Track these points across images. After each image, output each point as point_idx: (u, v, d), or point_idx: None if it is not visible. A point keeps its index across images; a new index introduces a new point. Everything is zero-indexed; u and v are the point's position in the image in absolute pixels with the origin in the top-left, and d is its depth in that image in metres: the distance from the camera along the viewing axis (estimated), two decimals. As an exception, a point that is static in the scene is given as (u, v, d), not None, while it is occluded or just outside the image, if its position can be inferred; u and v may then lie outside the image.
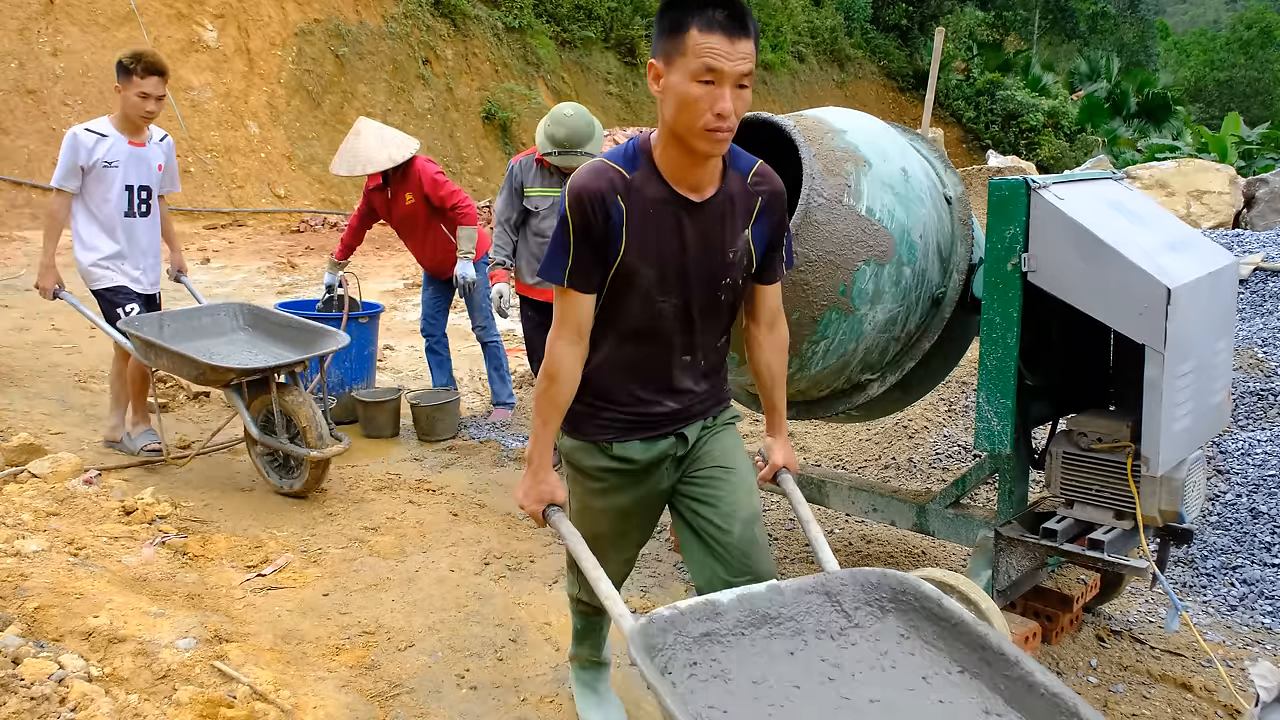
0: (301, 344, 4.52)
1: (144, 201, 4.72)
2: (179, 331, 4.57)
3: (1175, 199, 10.23)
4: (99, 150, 4.52)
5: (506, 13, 20.40)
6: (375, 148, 5.25)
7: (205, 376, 4.22)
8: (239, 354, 4.56)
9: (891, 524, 3.37)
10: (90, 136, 4.51)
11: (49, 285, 4.61)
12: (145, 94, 4.50)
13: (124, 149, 4.59)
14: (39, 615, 2.86)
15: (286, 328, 4.69)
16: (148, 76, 4.48)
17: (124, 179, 4.60)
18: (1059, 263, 2.69)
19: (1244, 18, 49.17)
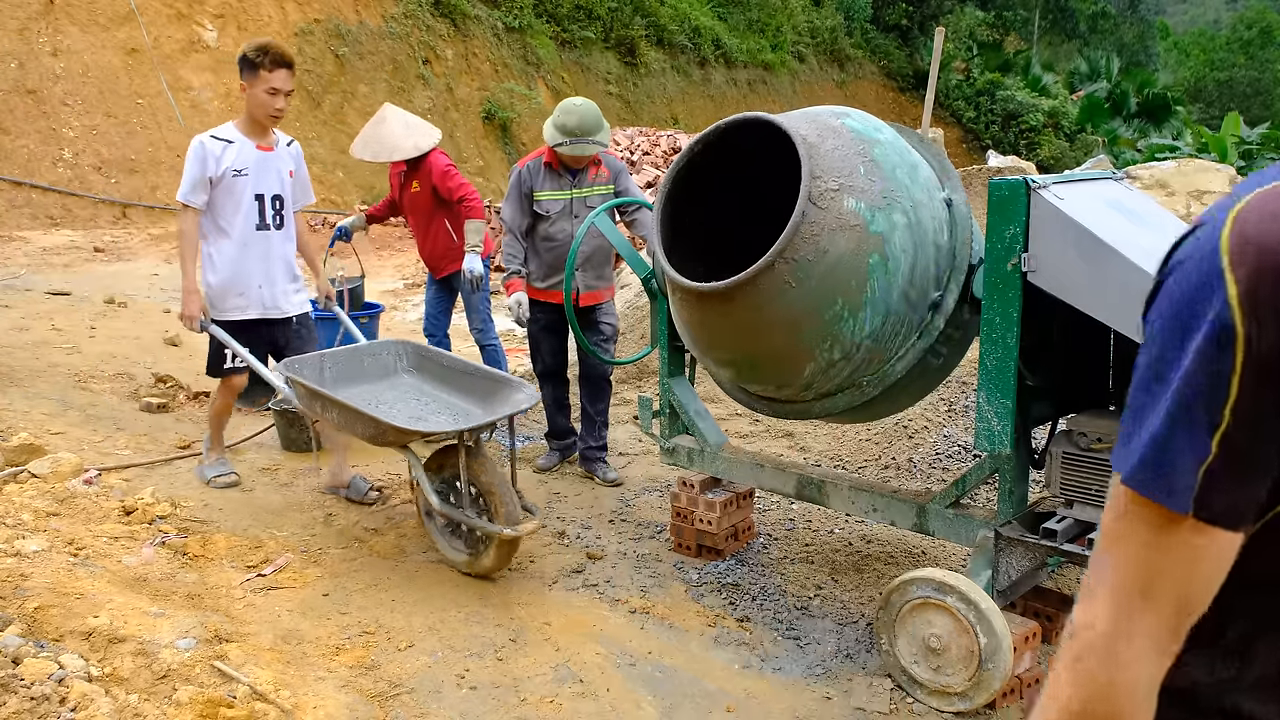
0: (479, 394, 3.87)
1: (277, 213, 4.28)
2: (340, 374, 4.00)
3: (1175, 199, 10.23)
4: (227, 158, 4.09)
5: (506, 13, 20.40)
6: (401, 135, 5.28)
7: (385, 437, 3.53)
8: (407, 403, 3.99)
9: (891, 524, 3.37)
10: (217, 144, 4.10)
11: (195, 313, 4.14)
12: (274, 90, 4.05)
13: (252, 154, 4.16)
14: (39, 615, 2.86)
15: (459, 373, 4.02)
16: (276, 69, 4.02)
17: (254, 188, 4.17)
18: (1059, 263, 2.69)
19: (1244, 18, 49.18)
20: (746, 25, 27.72)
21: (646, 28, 23.54)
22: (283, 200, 4.28)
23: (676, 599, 3.57)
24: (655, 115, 22.58)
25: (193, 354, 7.17)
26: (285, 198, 4.30)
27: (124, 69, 14.68)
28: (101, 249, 11.73)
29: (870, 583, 3.72)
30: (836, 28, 30.68)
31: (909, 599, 2.90)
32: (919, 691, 2.91)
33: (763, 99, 26.76)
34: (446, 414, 3.87)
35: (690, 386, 3.94)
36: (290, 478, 4.70)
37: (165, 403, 5.66)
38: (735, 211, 3.70)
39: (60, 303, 8.56)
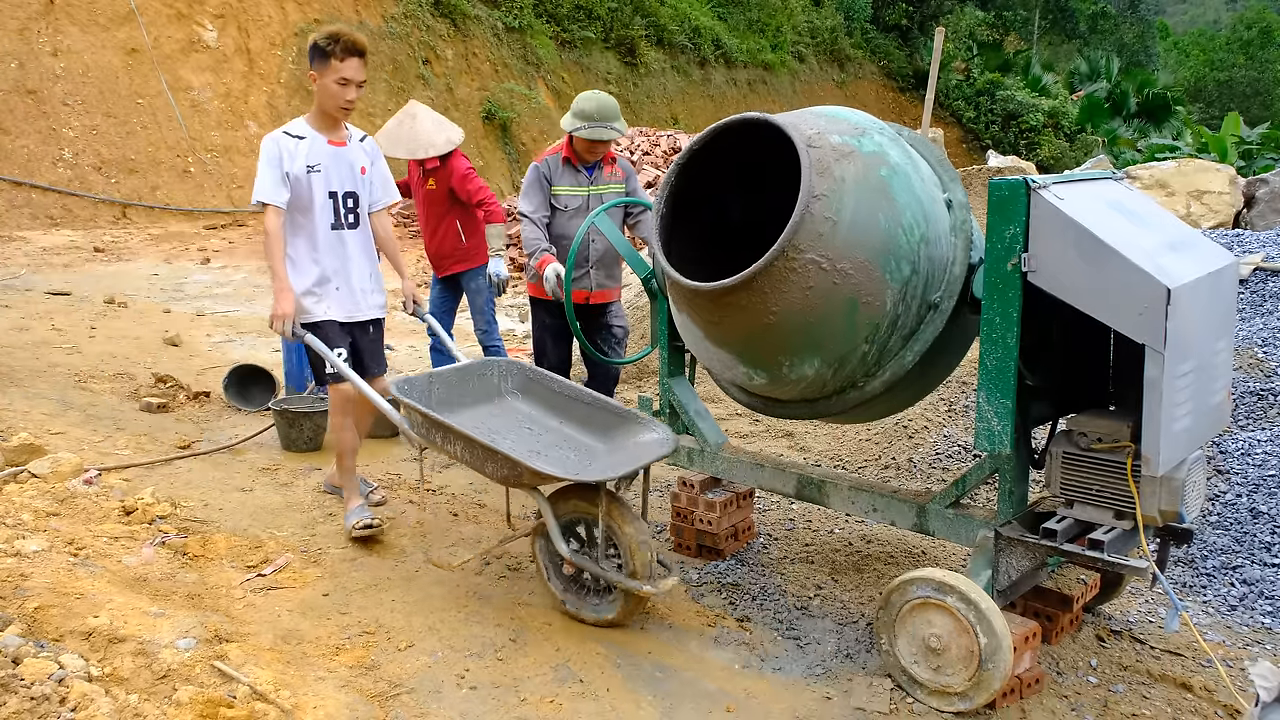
0: (598, 428, 3.54)
1: (351, 210, 4.06)
2: (448, 396, 3.64)
3: (1175, 199, 10.23)
4: (300, 154, 3.90)
5: (506, 13, 20.40)
6: (434, 131, 5.33)
7: (521, 479, 3.18)
8: (519, 434, 3.61)
9: (891, 524, 3.37)
10: (290, 140, 3.91)
11: (288, 312, 3.83)
12: (345, 80, 3.84)
13: (324, 150, 3.96)
14: (39, 615, 2.86)
15: (573, 401, 3.67)
16: (347, 58, 3.82)
17: (327, 185, 3.96)
18: (1059, 263, 2.69)
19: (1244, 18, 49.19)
20: (746, 25, 27.72)
21: (646, 28, 23.54)
22: (356, 198, 4.08)
23: (676, 599, 3.57)
24: (655, 115, 22.58)
25: (193, 354, 7.18)
26: (360, 194, 4.09)
27: (124, 69, 14.68)
28: (101, 249, 11.74)
29: (870, 583, 3.72)
30: (836, 28, 30.68)
31: (909, 599, 2.90)
32: (919, 691, 2.91)
33: (763, 99, 26.75)
34: (565, 449, 3.52)
35: (690, 386, 3.94)
36: (290, 478, 4.70)
37: (165, 403, 5.67)
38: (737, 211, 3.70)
39: (60, 303, 8.56)
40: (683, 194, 3.36)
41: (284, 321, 3.84)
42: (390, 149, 5.39)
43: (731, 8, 27.55)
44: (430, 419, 3.32)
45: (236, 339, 7.87)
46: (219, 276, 10.75)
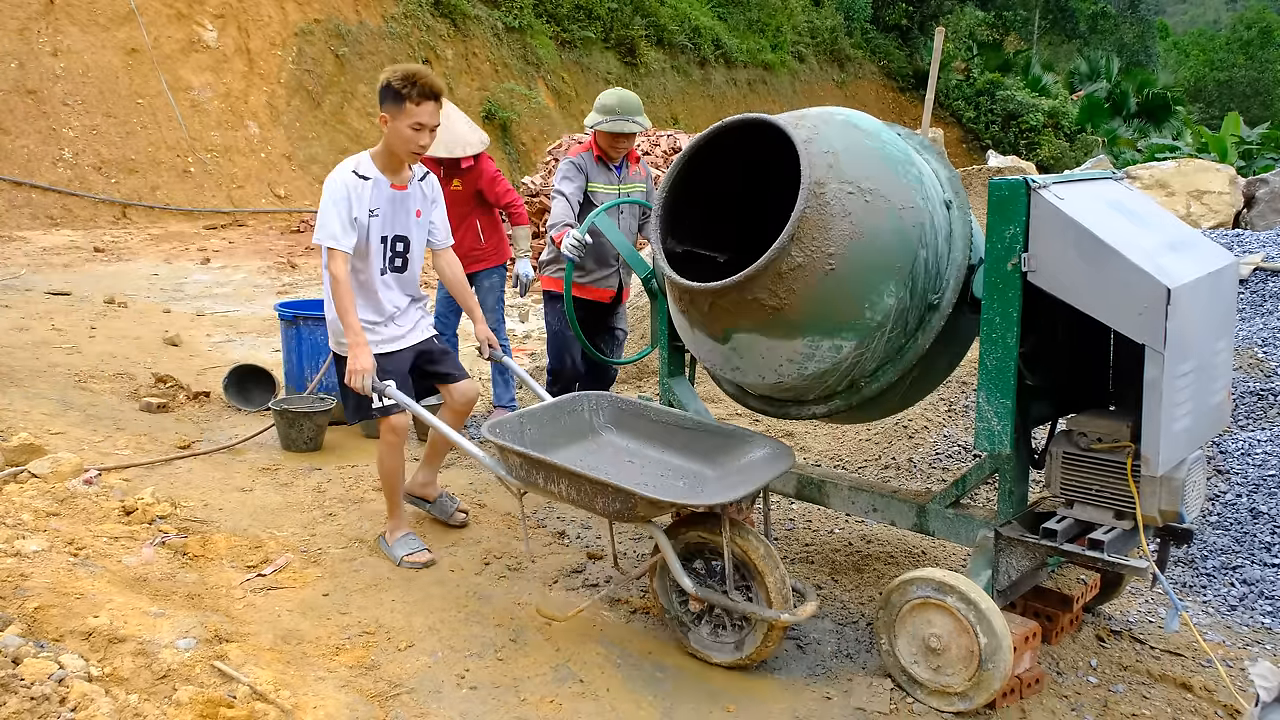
0: (701, 451, 3.34)
1: (400, 255, 3.86)
2: (540, 436, 3.42)
3: (1175, 199, 10.23)
4: (366, 197, 3.69)
5: (506, 13, 20.40)
6: (468, 131, 5.35)
7: (635, 511, 2.95)
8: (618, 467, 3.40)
9: (891, 524, 3.37)
10: (356, 181, 3.68)
11: (366, 367, 3.57)
12: (420, 125, 3.61)
13: (385, 194, 3.74)
14: (39, 615, 2.86)
15: (670, 427, 3.47)
16: (424, 102, 3.58)
17: (381, 229, 3.76)
18: (1059, 263, 2.69)
19: (1244, 18, 49.20)
20: (746, 25, 27.72)
21: (646, 28, 23.55)
22: (407, 242, 3.87)
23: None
24: (655, 115, 22.58)
25: (193, 354, 7.18)
26: (410, 239, 3.88)
27: (124, 69, 14.68)
28: (101, 249, 11.74)
29: (870, 583, 3.72)
30: (836, 28, 30.68)
31: (909, 599, 2.89)
32: (919, 691, 2.91)
33: (763, 99, 26.76)
34: (672, 478, 3.33)
35: (690, 386, 3.94)
36: (290, 478, 4.70)
37: (165, 403, 5.67)
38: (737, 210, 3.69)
39: (60, 303, 8.56)
40: (683, 194, 3.37)
41: (363, 377, 3.58)
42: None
43: (731, 8, 27.55)
44: (530, 459, 3.12)
45: (236, 339, 7.87)
46: (219, 276, 10.75)
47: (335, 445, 5.31)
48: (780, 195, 3.31)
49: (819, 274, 2.88)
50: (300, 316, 5.58)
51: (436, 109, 3.64)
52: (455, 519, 4.07)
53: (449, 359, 4.06)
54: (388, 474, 3.86)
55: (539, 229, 11.08)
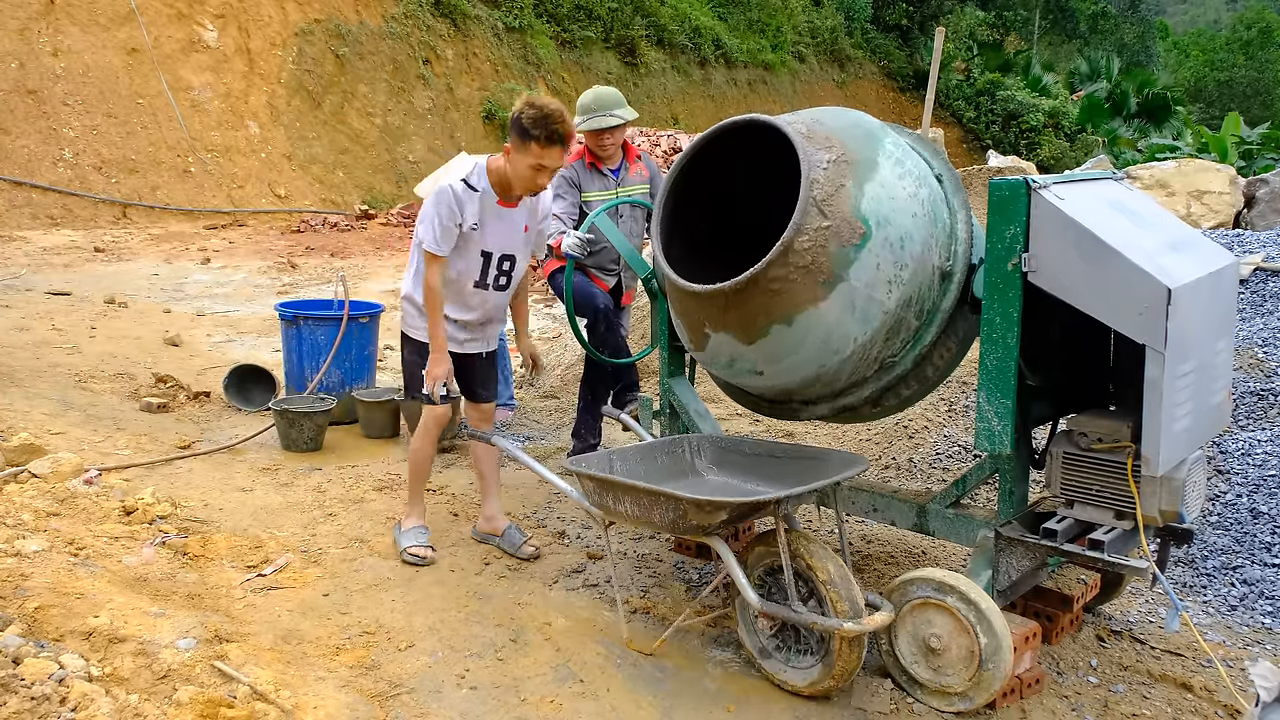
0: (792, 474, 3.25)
1: (503, 273, 3.79)
2: (631, 474, 3.37)
3: (1175, 199, 10.23)
4: (470, 209, 3.62)
5: (506, 13, 20.41)
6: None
7: (686, 521, 2.91)
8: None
9: (891, 524, 3.37)
10: (465, 191, 3.61)
11: (439, 375, 3.65)
12: (541, 167, 3.52)
13: (492, 209, 3.68)
14: (39, 615, 2.86)
15: (768, 458, 3.40)
16: (550, 147, 3.47)
17: (482, 243, 3.69)
18: (1059, 263, 2.69)
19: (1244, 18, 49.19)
20: (746, 25, 27.72)
21: (646, 28, 23.54)
22: (514, 261, 3.79)
23: (677, 599, 3.57)
24: (655, 115, 22.58)
25: (193, 354, 7.18)
26: (518, 257, 3.80)
27: (124, 69, 14.68)
28: (101, 249, 11.74)
29: (870, 583, 3.72)
30: (836, 28, 30.68)
31: (909, 599, 2.89)
32: (919, 691, 2.91)
33: (763, 99, 26.75)
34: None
35: (690, 386, 3.94)
36: (290, 478, 4.70)
37: (165, 403, 5.67)
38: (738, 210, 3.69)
39: (60, 303, 8.56)
40: (684, 195, 3.36)
41: (436, 383, 3.66)
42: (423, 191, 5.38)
43: (731, 8, 27.55)
44: (598, 479, 3.11)
45: (236, 339, 7.87)
46: (219, 276, 10.75)
47: (335, 445, 5.31)
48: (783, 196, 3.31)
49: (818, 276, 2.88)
50: (300, 316, 5.58)
51: (563, 154, 3.53)
52: (523, 551, 3.89)
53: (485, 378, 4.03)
54: (416, 458, 3.93)
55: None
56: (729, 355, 3.20)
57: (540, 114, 3.43)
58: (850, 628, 2.76)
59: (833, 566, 2.87)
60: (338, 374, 5.57)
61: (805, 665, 2.98)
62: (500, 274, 3.79)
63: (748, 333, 3.06)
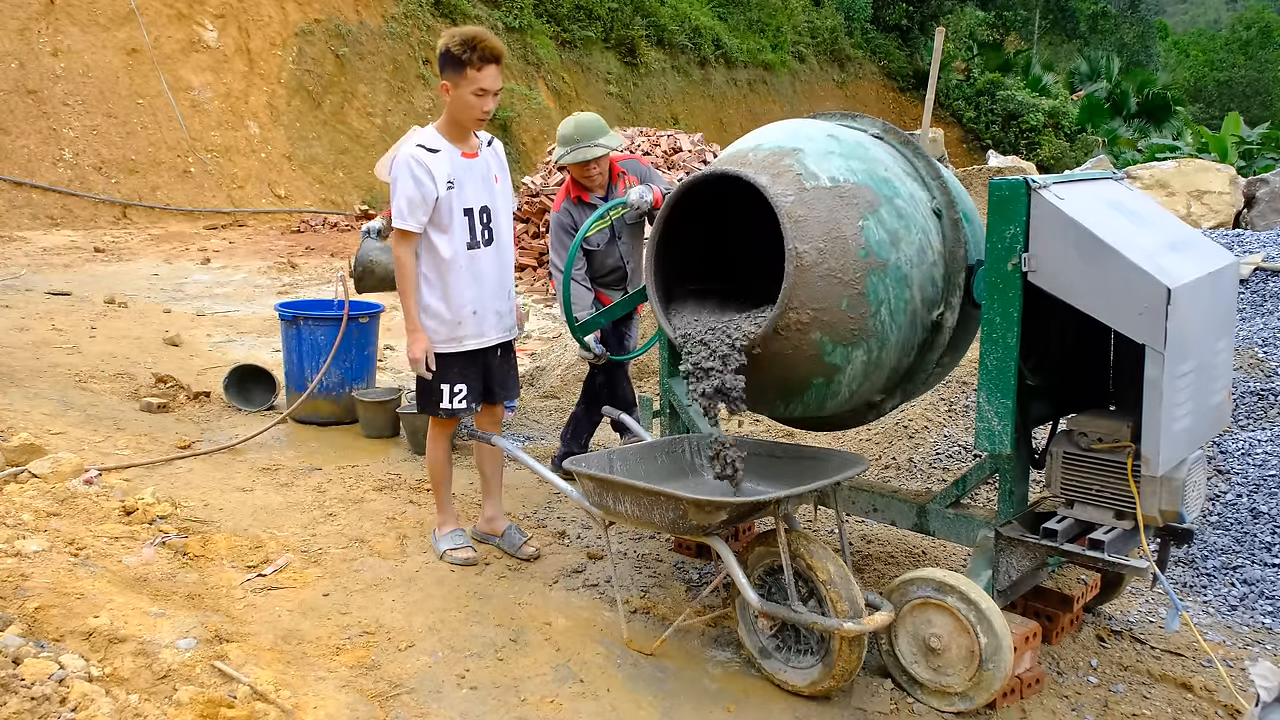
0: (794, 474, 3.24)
1: (486, 226, 3.69)
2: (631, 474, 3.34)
3: (1175, 199, 10.23)
4: (439, 171, 3.53)
5: (506, 13, 20.40)
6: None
7: (685, 521, 2.89)
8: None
9: (891, 524, 3.37)
10: (426, 155, 3.53)
11: (417, 357, 3.61)
12: (483, 90, 3.46)
13: (459, 163, 3.60)
14: (39, 615, 2.86)
15: (769, 458, 3.39)
16: (485, 66, 3.43)
17: (461, 201, 3.60)
18: (1059, 263, 2.69)
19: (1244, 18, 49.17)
20: (746, 25, 27.72)
21: (646, 28, 23.55)
22: (490, 212, 3.70)
23: (677, 599, 3.57)
24: (655, 115, 22.58)
25: (193, 354, 7.18)
26: (493, 209, 3.71)
27: (124, 69, 14.68)
28: (101, 249, 11.74)
29: (870, 583, 3.72)
30: (836, 28, 30.68)
31: (909, 599, 2.89)
32: (919, 691, 2.91)
33: (763, 99, 26.76)
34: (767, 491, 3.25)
35: (690, 386, 3.94)
36: (290, 478, 4.70)
37: (165, 403, 5.67)
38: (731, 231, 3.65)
39: (60, 303, 8.56)
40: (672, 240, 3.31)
41: (417, 365, 3.62)
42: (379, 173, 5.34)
43: (731, 8, 27.56)
44: (598, 479, 3.10)
45: (236, 339, 7.87)
46: (219, 276, 10.75)
47: (335, 445, 5.32)
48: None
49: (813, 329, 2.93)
50: (300, 316, 5.58)
51: (499, 72, 3.49)
52: (523, 551, 3.88)
53: (505, 378, 3.96)
54: (434, 466, 3.92)
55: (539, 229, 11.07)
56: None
57: (466, 38, 3.40)
58: (850, 627, 2.76)
59: (833, 566, 2.87)
60: (338, 374, 5.57)
61: (805, 665, 2.97)
62: (484, 228, 3.69)
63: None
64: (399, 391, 5.72)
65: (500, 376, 3.91)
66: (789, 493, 2.85)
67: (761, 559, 3.05)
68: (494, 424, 4.02)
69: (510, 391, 3.99)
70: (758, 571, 3.06)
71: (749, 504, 2.85)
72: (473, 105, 3.49)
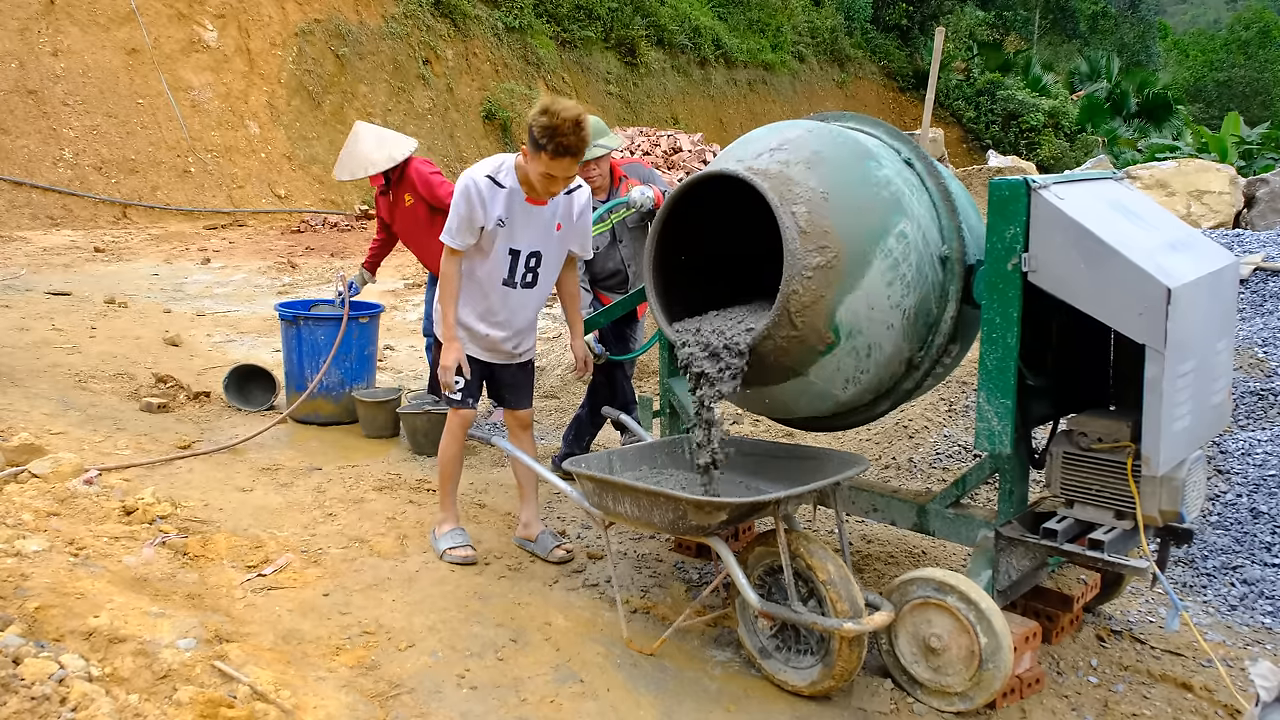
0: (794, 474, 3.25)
1: (531, 269, 3.72)
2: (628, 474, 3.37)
3: (1175, 199, 10.22)
4: (495, 205, 3.57)
5: (506, 13, 20.41)
6: (374, 148, 5.23)
7: (685, 521, 2.90)
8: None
9: (891, 524, 3.37)
10: (489, 187, 3.56)
11: (448, 364, 3.66)
12: (552, 177, 3.46)
13: (519, 206, 3.61)
14: (39, 615, 2.86)
15: (768, 458, 3.41)
16: (559, 158, 3.38)
17: (509, 241, 3.64)
18: (1059, 263, 2.69)
19: (1243, 18, 49.14)
20: (746, 25, 27.73)
21: (646, 28, 23.55)
22: (540, 258, 3.72)
23: (677, 599, 3.57)
24: (655, 115, 22.59)
25: (193, 354, 7.18)
26: (545, 254, 3.72)
27: (124, 69, 14.68)
28: (101, 249, 11.74)
29: (870, 583, 3.72)
30: (836, 28, 30.69)
31: (909, 599, 2.89)
32: (919, 691, 2.91)
33: (763, 99, 26.76)
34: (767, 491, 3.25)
35: (690, 386, 3.94)
36: (290, 478, 4.70)
37: (165, 403, 5.67)
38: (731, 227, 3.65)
39: (60, 303, 8.56)
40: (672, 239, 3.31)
41: (447, 372, 3.67)
42: (337, 173, 5.34)
43: (731, 8, 27.56)
44: (598, 480, 3.11)
45: (236, 339, 7.87)
46: (219, 276, 10.75)
47: (335, 445, 5.32)
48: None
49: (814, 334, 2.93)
50: (300, 316, 5.58)
51: (572, 164, 3.44)
52: (553, 555, 3.86)
53: (517, 386, 3.99)
54: (444, 461, 3.94)
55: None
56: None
57: (549, 125, 3.33)
58: (850, 627, 2.76)
59: (832, 566, 2.87)
60: (338, 374, 5.57)
61: (805, 665, 2.97)
62: (528, 270, 3.72)
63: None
64: (399, 391, 5.72)
65: (510, 384, 3.97)
66: (789, 493, 2.86)
67: (761, 559, 3.05)
68: (523, 429, 4.01)
69: (520, 401, 4.00)
70: (758, 571, 3.06)
71: (749, 504, 2.85)
72: (539, 183, 3.51)
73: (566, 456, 4.75)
